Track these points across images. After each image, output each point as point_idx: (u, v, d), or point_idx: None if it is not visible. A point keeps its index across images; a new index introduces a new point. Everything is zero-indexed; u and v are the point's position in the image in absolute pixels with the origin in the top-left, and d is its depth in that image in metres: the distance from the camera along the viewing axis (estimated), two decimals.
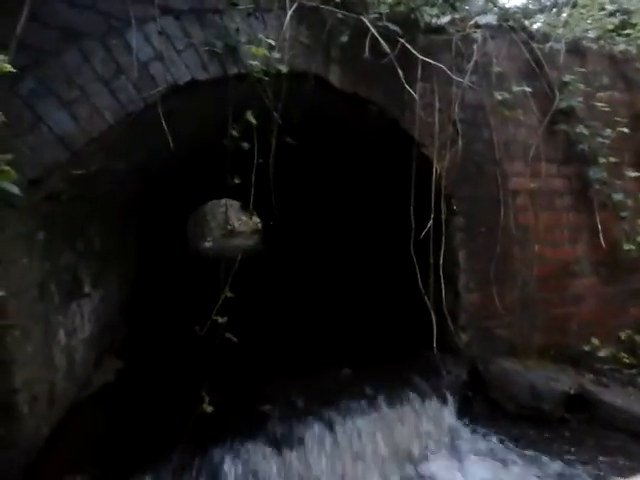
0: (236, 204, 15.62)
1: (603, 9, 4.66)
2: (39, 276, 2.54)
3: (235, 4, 3.02)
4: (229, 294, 2.80)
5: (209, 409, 2.54)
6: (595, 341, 4.30)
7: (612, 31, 4.58)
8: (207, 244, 16.38)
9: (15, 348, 2.23)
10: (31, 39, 2.38)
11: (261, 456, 2.72)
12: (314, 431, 3.01)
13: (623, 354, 4.29)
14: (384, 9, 3.36)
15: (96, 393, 3.36)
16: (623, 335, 4.47)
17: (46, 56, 2.41)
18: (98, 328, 3.68)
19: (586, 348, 4.28)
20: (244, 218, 17.48)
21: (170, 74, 2.78)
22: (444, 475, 3.24)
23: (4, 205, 1.80)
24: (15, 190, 1.57)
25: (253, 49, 2.92)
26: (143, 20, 2.69)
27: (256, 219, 14.70)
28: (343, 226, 6.55)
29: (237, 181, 2.99)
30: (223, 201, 14.30)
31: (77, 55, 2.49)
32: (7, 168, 1.57)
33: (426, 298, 3.83)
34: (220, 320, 2.68)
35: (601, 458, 3.31)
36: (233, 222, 18.01)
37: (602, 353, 4.26)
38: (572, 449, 3.45)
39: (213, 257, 11.44)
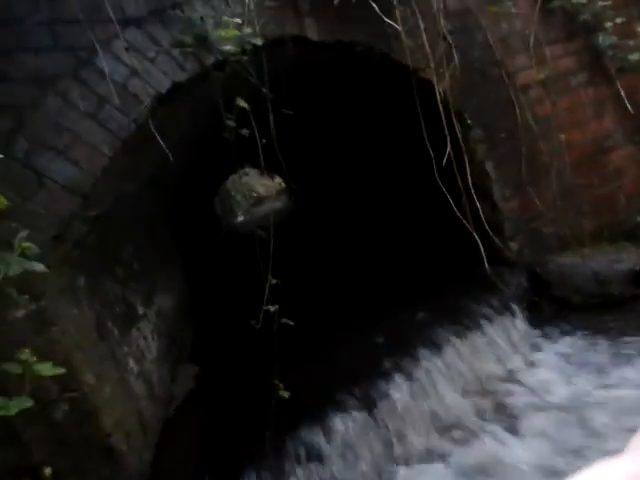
0: (255, 171, 15.39)
1: None
2: (93, 319, 2.61)
3: None
4: (273, 281, 2.83)
5: (286, 395, 2.59)
6: None
7: None
8: (239, 218, 16.36)
9: (95, 396, 2.32)
10: (7, 98, 2.36)
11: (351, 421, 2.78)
12: (397, 385, 3.04)
13: None
14: None
15: (182, 404, 3.49)
16: None
17: (28, 110, 2.39)
18: (164, 343, 3.79)
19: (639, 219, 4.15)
20: (267, 182, 17.33)
21: (150, 86, 2.72)
22: (533, 384, 3.24)
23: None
24: (41, 268, 1.58)
25: (223, 33, 2.82)
26: (107, 41, 2.62)
27: (278, 179, 14.54)
28: (370, 170, 6.43)
29: (246, 171, 2.95)
30: (241, 172, 14.06)
31: (56, 99, 2.46)
32: (27, 244, 1.56)
33: (464, 220, 3.78)
34: (272, 309, 2.72)
35: None
36: (257, 189, 17.88)
37: None
38: None
39: (247, 232, 11.44)
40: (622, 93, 4.20)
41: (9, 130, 2.31)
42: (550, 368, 3.34)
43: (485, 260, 3.73)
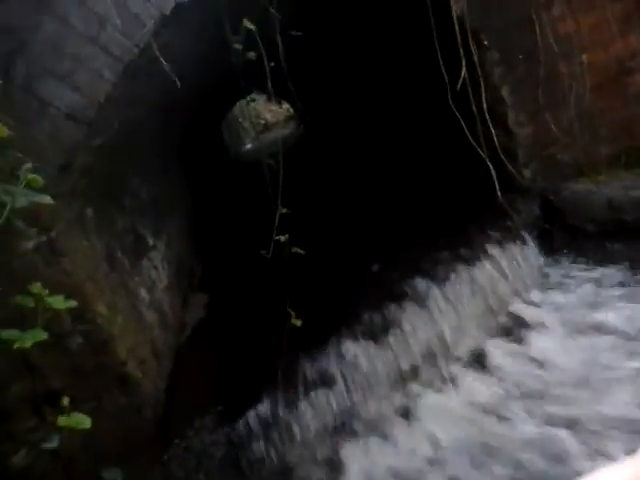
0: (262, 98, 14.89)
1: None
2: (103, 250, 2.62)
3: None
4: (283, 210, 2.79)
5: (298, 323, 2.60)
6: None
7: None
8: (247, 146, 16.05)
9: (108, 325, 2.37)
10: (3, 20, 2.26)
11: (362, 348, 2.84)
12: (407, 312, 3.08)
13: None
14: None
15: (193, 332, 3.57)
16: None
17: (28, 33, 2.29)
18: (174, 272, 3.83)
19: None
20: (274, 108, 16.88)
21: (153, 6, 2.59)
22: (540, 313, 3.28)
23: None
24: (48, 200, 1.55)
25: None
26: None
27: (286, 106, 14.15)
28: (382, 95, 6.22)
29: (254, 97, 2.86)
30: (248, 98, 13.63)
31: (55, 21, 2.35)
32: (32, 176, 1.51)
33: (477, 147, 3.68)
34: (282, 239, 2.70)
35: None
36: (265, 116, 17.43)
37: None
38: None
39: (255, 160, 11.26)
40: None
41: (7, 53, 2.22)
42: (555, 295, 3.38)
43: (497, 187, 3.67)
